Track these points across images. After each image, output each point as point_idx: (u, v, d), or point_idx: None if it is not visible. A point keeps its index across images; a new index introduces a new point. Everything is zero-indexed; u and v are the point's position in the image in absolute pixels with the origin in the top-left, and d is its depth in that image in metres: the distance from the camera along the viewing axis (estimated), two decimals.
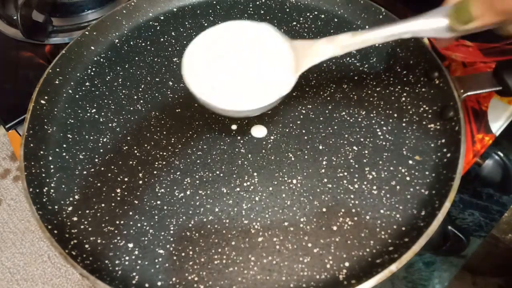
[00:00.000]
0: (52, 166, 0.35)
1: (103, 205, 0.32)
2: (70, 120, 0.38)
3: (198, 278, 0.29)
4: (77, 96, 0.39)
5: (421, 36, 0.28)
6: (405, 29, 0.28)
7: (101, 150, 0.36)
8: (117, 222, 0.31)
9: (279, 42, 0.32)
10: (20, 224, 1.03)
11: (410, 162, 0.33)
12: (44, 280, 0.95)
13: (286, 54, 0.31)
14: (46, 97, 0.38)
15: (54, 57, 0.40)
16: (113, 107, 0.38)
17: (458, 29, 0.26)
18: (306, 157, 0.34)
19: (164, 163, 0.35)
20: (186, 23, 0.45)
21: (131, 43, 0.44)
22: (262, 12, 0.45)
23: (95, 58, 0.42)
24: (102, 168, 0.34)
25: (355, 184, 0.32)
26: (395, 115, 0.36)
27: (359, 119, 0.36)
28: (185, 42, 0.43)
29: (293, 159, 0.34)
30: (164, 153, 0.35)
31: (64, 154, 0.35)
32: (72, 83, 0.40)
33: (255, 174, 0.34)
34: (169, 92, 0.39)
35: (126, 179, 0.34)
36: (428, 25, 0.27)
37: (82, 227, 0.31)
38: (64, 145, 0.36)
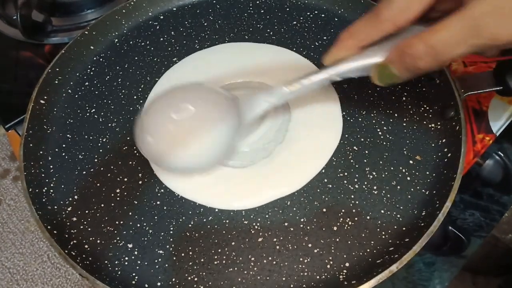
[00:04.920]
0: (51, 166, 0.35)
1: (103, 205, 0.32)
2: (70, 120, 0.38)
3: (198, 278, 0.29)
4: (76, 96, 0.39)
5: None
6: (336, 73, 0.28)
7: (101, 150, 0.36)
8: (117, 222, 0.31)
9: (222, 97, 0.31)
10: (19, 224, 1.03)
11: (411, 162, 0.33)
12: (44, 280, 0.95)
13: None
14: (45, 97, 0.38)
15: (53, 57, 0.40)
16: (113, 107, 0.38)
17: (382, 85, 0.27)
18: None
19: None
20: (186, 22, 0.45)
21: (131, 42, 0.43)
22: (262, 11, 0.45)
23: (95, 58, 0.42)
24: (102, 168, 0.34)
25: (355, 184, 0.32)
26: (395, 115, 0.36)
27: (359, 119, 0.36)
28: (185, 41, 0.43)
29: None
30: None
31: (63, 154, 0.35)
32: (71, 83, 0.40)
33: None
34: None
35: (126, 179, 0.34)
36: (360, 71, 0.28)
37: (81, 227, 0.31)
38: (64, 145, 0.36)
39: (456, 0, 0.23)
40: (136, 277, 0.29)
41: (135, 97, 0.39)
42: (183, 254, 0.30)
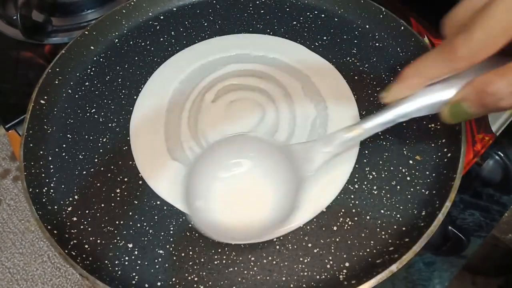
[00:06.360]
0: (52, 166, 0.35)
1: (103, 205, 0.32)
2: (70, 120, 0.38)
3: (198, 278, 0.29)
4: (76, 96, 0.39)
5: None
6: (400, 114, 0.26)
7: (101, 150, 0.36)
8: (117, 222, 0.31)
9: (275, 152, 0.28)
10: (20, 224, 1.03)
11: (410, 162, 0.33)
12: (44, 280, 0.95)
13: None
14: (45, 97, 0.38)
15: (53, 57, 0.40)
16: (113, 107, 0.38)
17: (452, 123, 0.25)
18: None
19: None
20: (186, 22, 0.45)
21: (131, 42, 0.43)
22: (262, 11, 0.45)
23: (95, 58, 0.42)
24: (102, 168, 0.34)
25: (355, 184, 0.32)
26: None
27: (359, 119, 0.36)
28: (185, 42, 0.43)
29: None
30: None
31: (64, 154, 0.35)
32: (71, 83, 0.40)
33: None
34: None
35: (126, 179, 0.34)
36: (421, 112, 0.26)
37: (82, 227, 0.31)
38: (64, 145, 0.36)
39: None
40: (136, 277, 0.29)
41: (135, 97, 0.39)
42: (183, 254, 0.30)
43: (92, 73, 0.41)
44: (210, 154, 0.28)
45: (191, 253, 0.30)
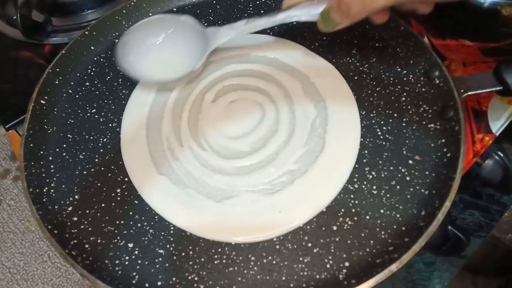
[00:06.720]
0: (52, 166, 0.35)
1: (103, 205, 0.32)
2: (70, 120, 0.38)
3: (198, 278, 0.29)
4: (77, 96, 0.39)
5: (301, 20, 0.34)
6: (288, 16, 0.34)
7: (101, 150, 0.36)
8: (117, 222, 0.31)
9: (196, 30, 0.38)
10: (20, 224, 1.03)
11: (410, 162, 0.33)
12: (44, 280, 0.95)
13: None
14: (46, 97, 0.38)
15: (54, 57, 0.40)
16: (113, 107, 0.38)
17: (327, 31, 0.32)
18: None
19: None
20: None
21: None
22: (262, 12, 0.45)
23: (95, 58, 0.42)
24: (102, 168, 0.34)
25: (355, 184, 0.32)
26: (395, 115, 0.36)
27: (359, 119, 0.36)
28: None
29: None
30: None
31: (64, 154, 0.35)
32: (72, 83, 0.40)
33: None
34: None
35: (126, 179, 0.34)
36: (307, 15, 0.34)
37: (82, 227, 0.31)
38: (64, 145, 0.36)
39: None
40: (137, 277, 0.29)
41: None
42: (183, 254, 0.30)
43: (92, 73, 0.41)
44: (141, 28, 0.39)
45: (191, 253, 0.30)
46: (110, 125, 0.37)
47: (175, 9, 0.46)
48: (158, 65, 0.38)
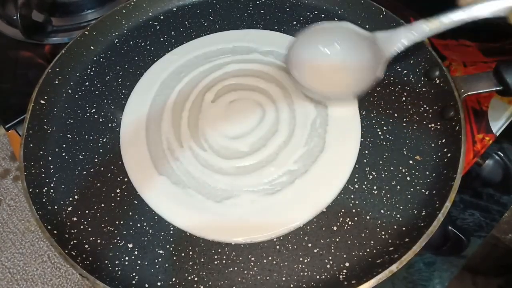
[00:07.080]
0: (51, 166, 0.35)
1: (103, 205, 0.32)
2: (70, 120, 0.38)
3: (198, 278, 0.29)
4: (76, 96, 0.39)
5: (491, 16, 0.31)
6: (472, 13, 0.30)
7: (101, 150, 0.36)
8: (117, 222, 0.31)
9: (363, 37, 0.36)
10: (20, 224, 1.03)
11: (410, 162, 0.33)
12: (44, 280, 0.95)
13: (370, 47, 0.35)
14: (45, 97, 0.38)
15: (53, 57, 0.40)
16: (113, 107, 0.38)
17: None
18: None
19: None
20: (186, 22, 0.45)
21: (131, 42, 0.43)
22: (262, 11, 0.45)
23: (95, 58, 0.42)
24: (102, 168, 0.34)
25: (355, 184, 0.32)
26: (395, 115, 0.36)
27: (359, 119, 0.36)
28: (184, 42, 0.43)
29: None
30: None
31: (63, 154, 0.35)
32: (71, 83, 0.40)
33: None
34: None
35: (126, 179, 0.34)
36: (491, 13, 0.30)
37: (82, 227, 0.31)
38: (64, 145, 0.36)
39: None
40: (136, 277, 0.29)
41: None
42: (183, 254, 0.30)
43: (92, 73, 0.41)
44: (309, 36, 0.37)
45: (191, 253, 0.30)
46: (109, 125, 0.37)
47: (175, 9, 0.46)
48: (332, 79, 0.36)
